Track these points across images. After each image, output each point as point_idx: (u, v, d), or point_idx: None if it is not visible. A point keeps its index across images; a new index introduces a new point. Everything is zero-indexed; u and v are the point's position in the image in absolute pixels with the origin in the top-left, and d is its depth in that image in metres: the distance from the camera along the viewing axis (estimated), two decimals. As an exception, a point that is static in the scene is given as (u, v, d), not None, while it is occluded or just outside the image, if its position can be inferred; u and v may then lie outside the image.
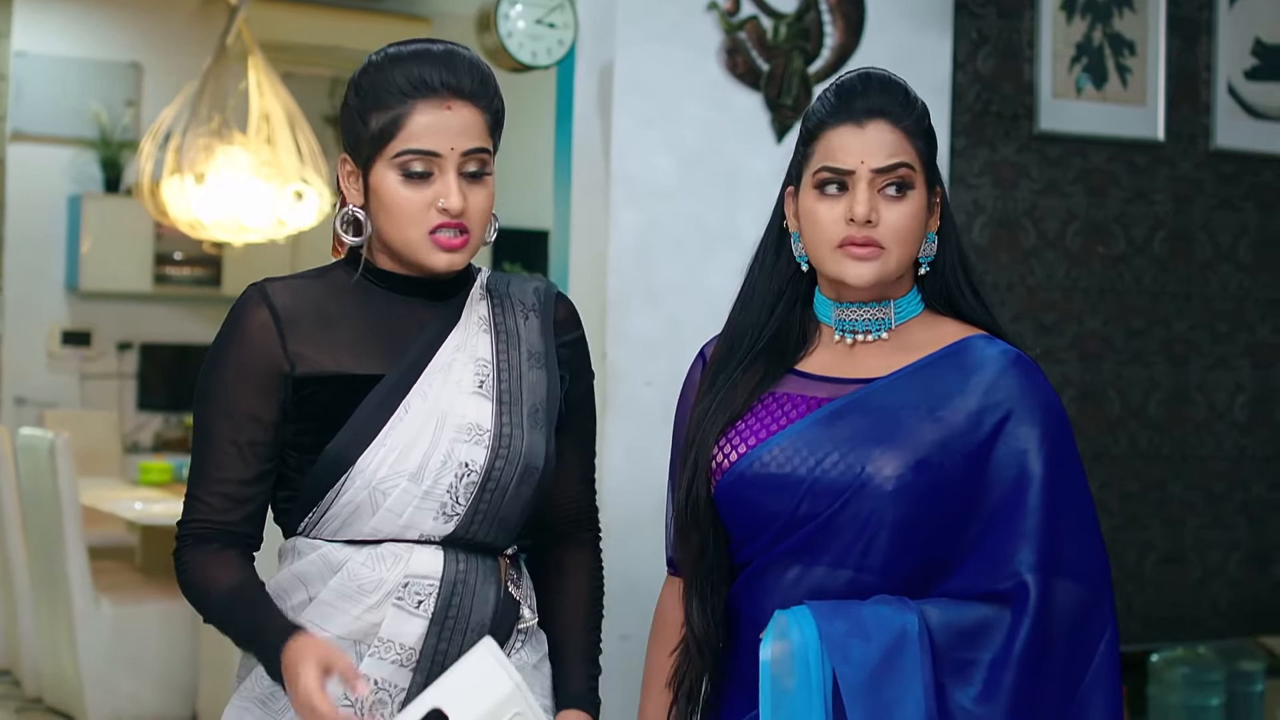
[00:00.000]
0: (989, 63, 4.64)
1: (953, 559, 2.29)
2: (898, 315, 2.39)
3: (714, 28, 4.22)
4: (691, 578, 2.39)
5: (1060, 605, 2.26)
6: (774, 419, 2.36)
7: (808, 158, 2.37)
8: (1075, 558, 2.29)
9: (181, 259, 9.39)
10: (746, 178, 4.25)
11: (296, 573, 2.37)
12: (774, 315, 2.42)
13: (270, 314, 2.34)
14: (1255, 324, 5.01)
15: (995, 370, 2.32)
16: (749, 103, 4.26)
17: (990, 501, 2.28)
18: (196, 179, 6.61)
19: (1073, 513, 2.30)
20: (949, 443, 2.27)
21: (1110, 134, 4.79)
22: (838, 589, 2.27)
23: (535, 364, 2.43)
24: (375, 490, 2.32)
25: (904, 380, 2.33)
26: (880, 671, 2.18)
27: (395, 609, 2.33)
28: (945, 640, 2.22)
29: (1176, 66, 4.87)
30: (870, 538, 2.26)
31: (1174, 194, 4.88)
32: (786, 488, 2.30)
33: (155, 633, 6.19)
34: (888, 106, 2.33)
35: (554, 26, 4.15)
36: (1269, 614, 5.06)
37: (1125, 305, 4.82)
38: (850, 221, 2.30)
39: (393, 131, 2.30)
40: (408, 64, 2.33)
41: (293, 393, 2.34)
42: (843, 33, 4.33)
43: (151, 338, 9.51)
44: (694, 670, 2.39)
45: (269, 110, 6.77)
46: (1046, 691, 2.25)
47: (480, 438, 2.35)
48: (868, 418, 2.30)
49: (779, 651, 2.21)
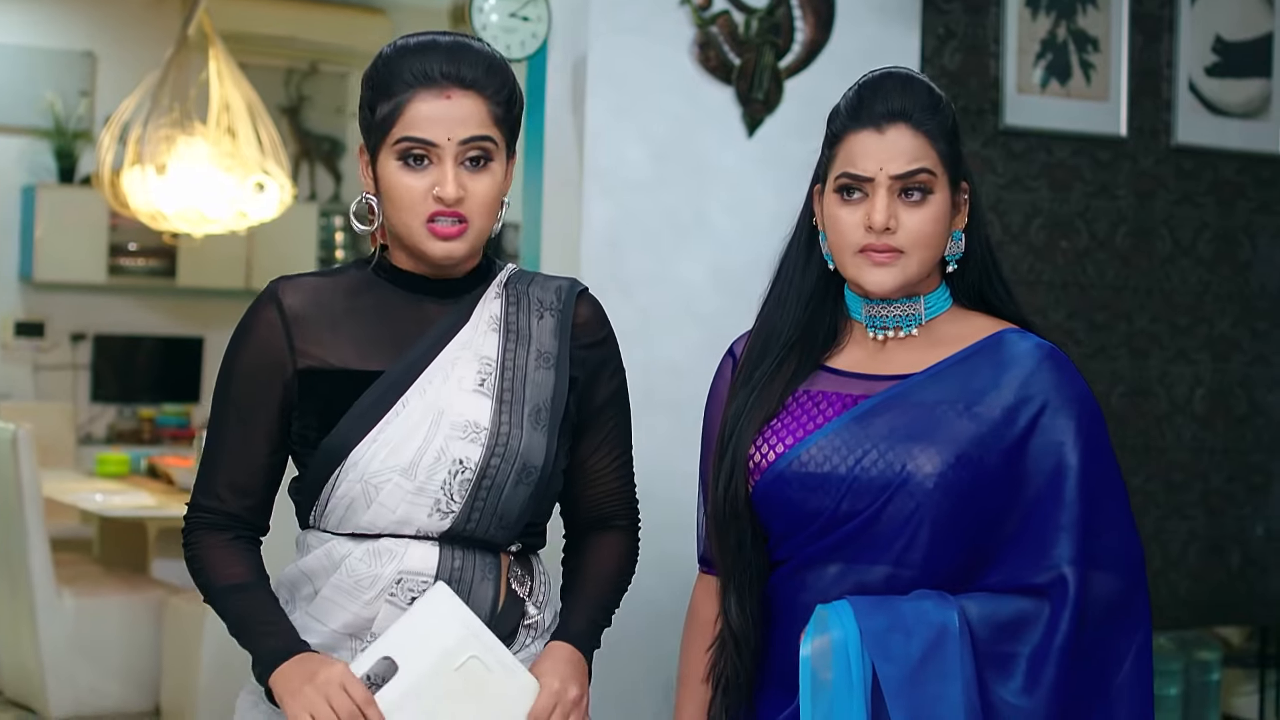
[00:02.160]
0: (955, 58, 4.67)
1: (991, 552, 2.29)
2: (928, 311, 2.38)
3: (686, 22, 4.24)
4: (729, 574, 2.38)
5: (1097, 596, 2.27)
6: (809, 417, 2.35)
7: (831, 160, 2.37)
8: (1111, 549, 2.30)
9: (136, 250, 9.35)
10: (717, 171, 4.28)
11: (303, 568, 2.40)
12: (807, 311, 2.41)
13: (278, 312, 2.39)
14: (1215, 318, 5.06)
15: (1030, 364, 2.32)
16: (720, 96, 4.28)
17: (1028, 495, 2.28)
18: (158, 170, 6.59)
19: (1109, 503, 2.30)
20: (986, 438, 2.27)
21: (1074, 129, 4.82)
22: (877, 584, 2.27)
23: (544, 364, 2.43)
24: (368, 484, 2.34)
25: (939, 376, 2.33)
26: (921, 668, 2.18)
27: (389, 605, 2.34)
28: (985, 634, 2.22)
29: (1139, 63, 4.92)
30: (912, 534, 2.26)
31: (1136, 189, 4.93)
32: (826, 486, 2.29)
33: (117, 625, 6.17)
34: (909, 109, 2.32)
35: (527, 20, 4.16)
36: (1226, 605, 5.11)
37: (1088, 299, 4.87)
38: (869, 229, 2.30)
39: (393, 119, 2.32)
40: (413, 55, 2.34)
41: (298, 388, 2.38)
42: (813, 28, 4.36)
43: (106, 329, 9.48)
44: (731, 666, 2.38)
45: (230, 101, 6.77)
46: (1084, 682, 2.26)
47: (477, 435, 2.36)
48: (905, 414, 2.30)
49: (819, 646, 2.21)
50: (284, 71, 9.85)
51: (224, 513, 2.40)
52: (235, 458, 2.40)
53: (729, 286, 4.26)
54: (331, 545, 2.38)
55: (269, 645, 2.31)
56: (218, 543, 2.39)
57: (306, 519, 2.44)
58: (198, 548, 2.41)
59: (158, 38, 8.38)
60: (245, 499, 2.41)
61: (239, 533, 2.41)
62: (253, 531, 2.43)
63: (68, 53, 9.32)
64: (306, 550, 2.41)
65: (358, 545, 2.36)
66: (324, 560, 2.38)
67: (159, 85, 6.68)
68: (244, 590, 2.37)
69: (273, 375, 2.39)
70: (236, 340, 2.42)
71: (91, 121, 9.20)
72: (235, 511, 2.41)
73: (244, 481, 2.41)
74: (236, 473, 2.40)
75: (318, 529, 2.41)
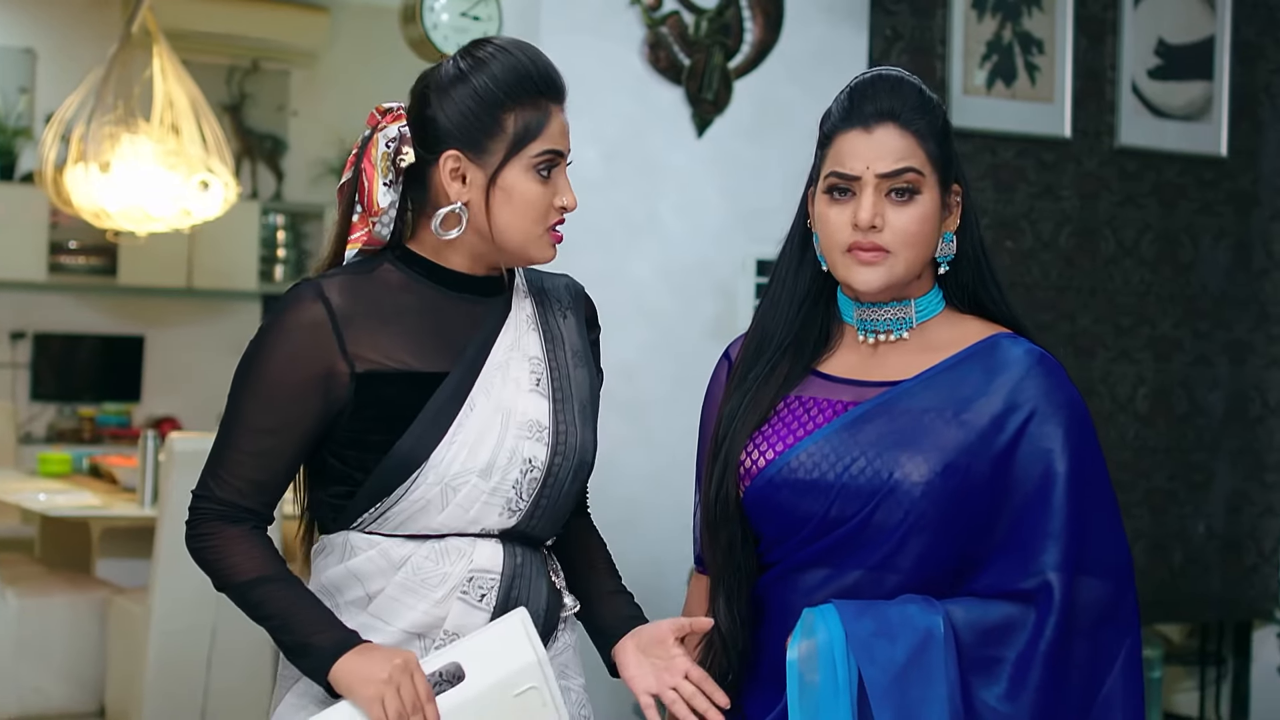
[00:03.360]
0: (903, 59, 4.70)
1: (979, 558, 2.30)
2: (919, 314, 2.38)
3: (636, 22, 4.26)
4: (719, 576, 2.39)
5: (1084, 602, 2.27)
6: (800, 423, 2.36)
7: (822, 161, 2.37)
8: (1100, 555, 2.30)
9: (77, 248, 9.29)
10: (667, 170, 4.30)
11: (353, 569, 2.38)
12: (801, 313, 2.41)
13: (327, 312, 2.35)
14: (1157, 318, 5.12)
15: (1020, 371, 2.32)
16: (670, 96, 4.30)
17: (1016, 501, 2.29)
18: (101, 167, 6.55)
19: (1097, 510, 2.31)
20: (974, 445, 2.28)
21: (1019, 130, 4.87)
22: (866, 589, 2.29)
23: (578, 362, 2.48)
24: (447, 486, 2.34)
25: (928, 383, 2.33)
26: (906, 672, 2.19)
27: (460, 602, 2.36)
28: (970, 639, 2.23)
29: (1083, 65, 4.97)
30: (900, 540, 2.27)
31: (1080, 190, 4.98)
32: (816, 492, 2.30)
33: (61, 625, 6.12)
34: (897, 109, 2.32)
35: (478, 19, 4.17)
36: (1168, 603, 5.17)
37: (1032, 299, 4.91)
38: (855, 227, 2.30)
39: (536, 132, 2.35)
40: (539, 69, 2.40)
41: (354, 391, 2.35)
42: (762, 28, 4.39)
43: (45, 327, 9.41)
44: (720, 666, 2.39)
45: (174, 98, 6.72)
46: (1071, 688, 2.26)
47: (540, 434, 2.39)
48: (893, 422, 2.30)
49: (806, 649, 2.22)
50: (226, 69, 9.80)
51: (240, 506, 2.36)
52: (261, 458, 2.35)
53: (679, 286, 4.28)
54: (387, 546, 2.37)
55: (325, 639, 2.29)
56: (236, 534, 2.35)
57: (349, 522, 2.40)
58: (213, 539, 2.36)
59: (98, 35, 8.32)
60: (264, 496, 2.38)
61: (255, 524, 2.38)
62: (266, 523, 2.40)
63: (7, 49, 9.25)
64: (352, 553, 2.39)
65: (420, 545, 2.37)
66: (380, 562, 2.37)
67: (102, 82, 6.63)
68: (276, 581, 2.34)
69: (318, 377, 2.34)
70: (274, 336, 2.36)
71: (32, 119, 9.13)
72: (252, 507, 2.37)
73: (266, 480, 2.37)
74: (260, 471, 2.36)
75: (364, 531, 2.39)
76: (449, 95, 2.37)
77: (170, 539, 5.40)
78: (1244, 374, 5.26)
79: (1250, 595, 5.29)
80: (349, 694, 2.26)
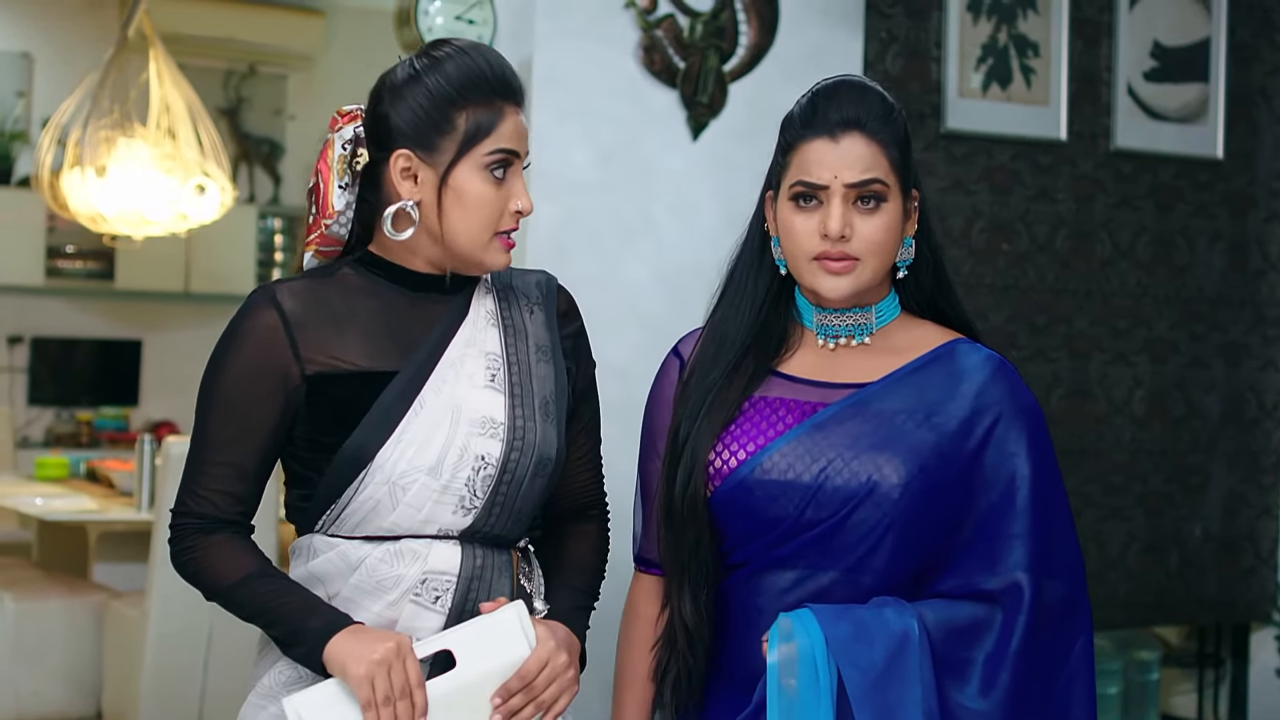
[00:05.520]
0: (898, 62, 4.70)
1: (944, 559, 2.33)
2: (878, 319, 2.41)
3: (631, 25, 4.26)
4: (683, 574, 2.40)
5: (1048, 602, 2.32)
6: (769, 424, 2.37)
7: (785, 168, 2.39)
8: (1058, 557, 2.35)
9: (74, 252, 9.29)
10: (662, 174, 4.30)
11: (314, 571, 2.39)
12: (760, 315, 2.43)
13: (280, 317, 2.36)
14: (1153, 320, 5.11)
15: (984, 376, 2.36)
16: (665, 99, 4.30)
17: (982, 503, 2.32)
18: (98, 171, 6.55)
19: (1056, 513, 2.36)
20: (944, 448, 2.31)
21: (1014, 133, 4.86)
22: (835, 590, 2.31)
23: (543, 357, 2.47)
24: (395, 485, 2.34)
25: (896, 385, 2.36)
26: (885, 675, 2.22)
27: (413, 604, 2.36)
28: (941, 640, 2.26)
29: (1078, 68, 4.96)
30: (874, 542, 2.29)
31: (1075, 193, 4.97)
32: (790, 494, 2.32)
33: (59, 629, 6.13)
34: (862, 117, 2.34)
35: (473, 23, 4.17)
36: (1165, 605, 5.17)
37: (1028, 302, 4.91)
38: (824, 236, 2.32)
39: (488, 130, 2.36)
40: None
41: (306, 394, 2.36)
42: (757, 31, 4.39)
43: (43, 331, 9.41)
44: (683, 663, 2.40)
45: (170, 102, 6.72)
46: (1035, 685, 2.30)
47: (495, 431, 2.38)
48: (867, 423, 2.32)
49: (786, 654, 2.23)
50: (223, 73, 9.80)
51: (217, 518, 2.38)
52: (230, 466, 2.37)
53: (673, 289, 4.28)
54: (345, 548, 2.38)
55: (317, 622, 2.29)
56: (217, 542, 2.37)
57: (312, 525, 2.41)
58: (195, 551, 2.38)
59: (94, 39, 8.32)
60: (240, 504, 2.39)
61: (235, 530, 2.39)
62: (246, 530, 2.42)
63: (4, 54, 9.25)
64: (314, 555, 2.40)
65: (376, 547, 2.37)
66: (338, 563, 2.37)
67: (99, 86, 6.63)
68: (261, 578, 2.35)
69: (274, 381, 2.36)
70: (230, 345, 2.39)
71: (28, 123, 9.13)
72: (229, 517, 2.39)
73: (239, 488, 2.38)
74: (231, 482, 2.37)
75: (326, 534, 2.40)
76: (401, 94, 2.38)
77: (167, 543, 5.40)
78: (1240, 376, 5.26)
79: (1248, 597, 5.29)
80: (340, 673, 2.26)
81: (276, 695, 2.38)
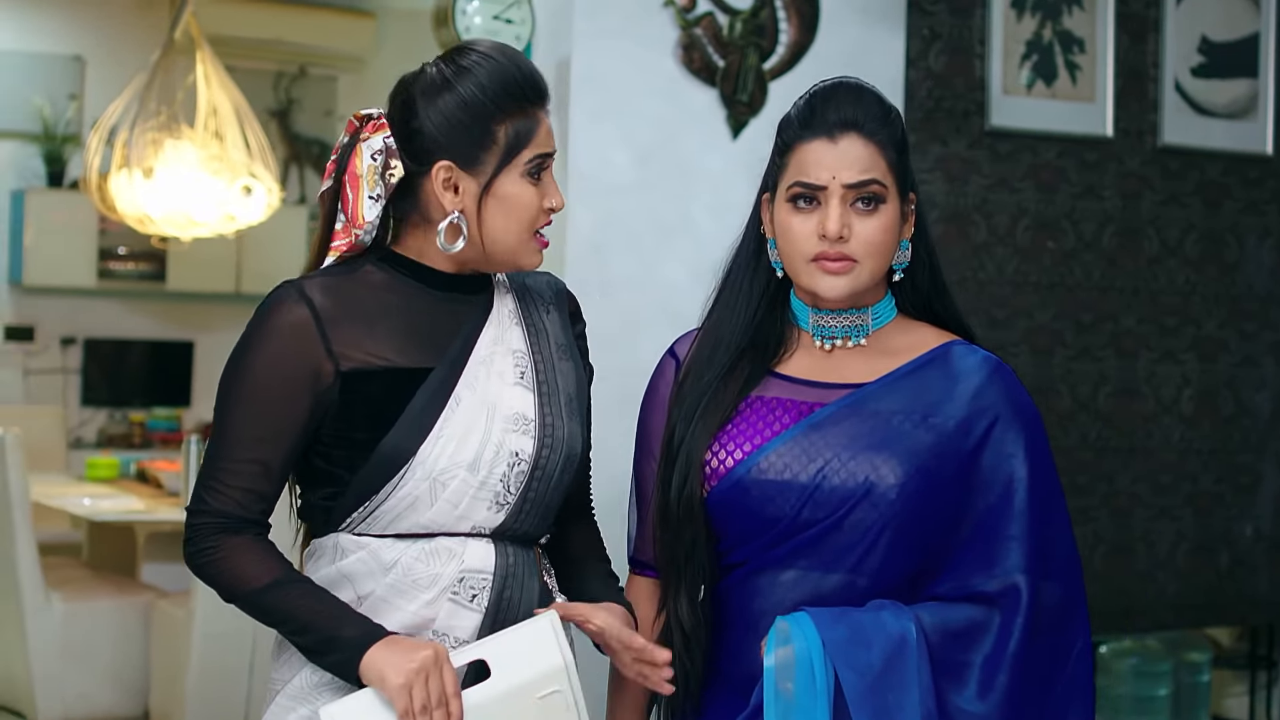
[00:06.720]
0: (940, 59, 4.67)
1: (941, 560, 2.33)
2: (874, 321, 2.42)
3: (670, 24, 4.24)
4: (679, 575, 2.41)
5: (1046, 604, 2.31)
6: (765, 424, 2.37)
7: (782, 169, 2.39)
8: (1056, 558, 2.35)
9: (126, 254, 9.35)
10: (701, 173, 4.28)
11: (344, 571, 2.37)
12: (756, 317, 2.44)
13: (311, 313, 2.34)
14: (1201, 318, 5.06)
15: (981, 378, 2.37)
16: (705, 98, 4.28)
17: (979, 505, 2.33)
18: (145, 173, 6.59)
19: (1053, 515, 2.37)
20: (942, 449, 2.31)
21: (1060, 130, 4.82)
22: (832, 591, 2.31)
23: (563, 355, 2.49)
24: (435, 481, 2.34)
25: (893, 386, 2.36)
26: (882, 677, 2.22)
27: (451, 603, 2.36)
28: (939, 642, 2.26)
29: (1125, 64, 4.92)
30: (871, 543, 2.30)
31: (1122, 190, 4.93)
32: (787, 494, 2.32)
33: (106, 630, 6.16)
34: (860, 119, 2.35)
35: (511, 22, 4.16)
36: (1215, 605, 5.12)
37: (1074, 300, 4.87)
38: (823, 237, 2.33)
39: (527, 139, 2.37)
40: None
41: (340, 390, 2.34)
42: (797, 29, 4.36)
43: (95, 333, 9.47)
44: (680, 665, 2.40)
45: (217, 104, 6.76)
46: (1032, 688, 2.30)
47: (526, 427, 2.39)
48: (864, 424, 2.33)
49: (783, 657, 2.24)
50: (273, 75, 9.85)
51: (239, 517, 2.35)
52: (257, 464, 2.34)
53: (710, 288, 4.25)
54: (376, 547, 2.37)
55: (352, 631, 2.28)
56: (240, 543, 2.34)
57: (337, 524, 2.40)
58: (218, 552, 2.34)
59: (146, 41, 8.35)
60: (263, 503, 2.37)
61: (256, 531, 2.37)
62: (265, 529, 2.39)
63: (56, 57, 9.31)
64: (342, 554, 2.38)
65: (411, 545, 2.36)
66: (370, 563, 2.36)
67: (146, 88, 6.67)
68: (288, 584, 2.33)
69: (305, 378, 2.33)
70: (258, 340, 2.35)
71: (80, 125, 9.19)
72: (251, 516, 2.36)
73: (264, 487, 2.36)
74: (257, 479, 2.35)
75: (353, 533, 2.38)
76: (435, 105, 2.38)
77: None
78: (1291, 374, 5.21)
79: (1299, 598, 5.24)
80: (378, 683, 2.25)
81: (308, 698, 2.37)
